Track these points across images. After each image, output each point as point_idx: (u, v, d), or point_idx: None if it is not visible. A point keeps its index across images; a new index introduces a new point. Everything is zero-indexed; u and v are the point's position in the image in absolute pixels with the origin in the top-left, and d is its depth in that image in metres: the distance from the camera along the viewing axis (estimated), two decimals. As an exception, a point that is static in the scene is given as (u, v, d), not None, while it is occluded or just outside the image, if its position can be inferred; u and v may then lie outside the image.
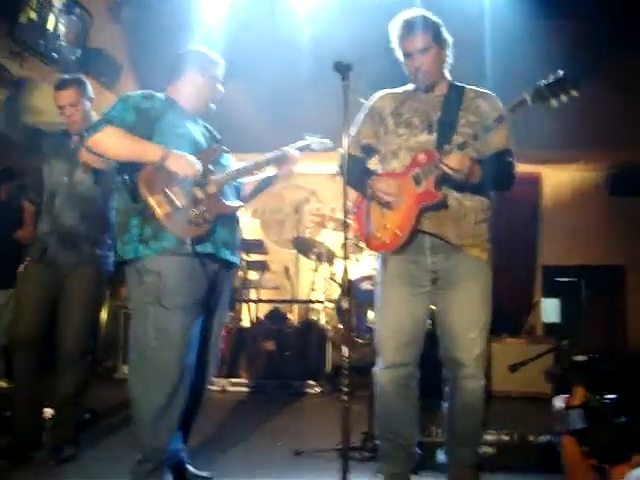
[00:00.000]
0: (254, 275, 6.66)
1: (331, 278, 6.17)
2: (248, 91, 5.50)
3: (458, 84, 2.73)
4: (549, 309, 7.75)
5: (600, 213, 7.18)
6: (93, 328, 3.40)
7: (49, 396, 3.20)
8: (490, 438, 3.08)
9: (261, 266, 6.69)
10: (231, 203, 2.72)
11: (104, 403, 4.09)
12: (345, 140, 2.40)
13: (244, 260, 6.32)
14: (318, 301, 6.22)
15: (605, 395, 2.30)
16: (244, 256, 6.33)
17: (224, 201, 2.66)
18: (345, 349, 2.36)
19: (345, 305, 2.34)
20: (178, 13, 5.31)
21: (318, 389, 5.01)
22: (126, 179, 2.56)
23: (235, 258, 2.78)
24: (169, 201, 2.50)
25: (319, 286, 6.28)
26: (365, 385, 3.15)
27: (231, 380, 5.16)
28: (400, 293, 2.65)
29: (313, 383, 5.03)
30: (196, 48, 2.88)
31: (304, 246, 6.48)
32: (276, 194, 7.58)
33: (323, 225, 6.34)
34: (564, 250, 7.24)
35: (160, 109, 2.65)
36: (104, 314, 5.51)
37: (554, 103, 2.43)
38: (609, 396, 2.30)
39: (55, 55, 4.73)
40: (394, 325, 2.65)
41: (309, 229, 6.95)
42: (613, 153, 6.71)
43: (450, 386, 2.68)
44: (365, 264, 5.78)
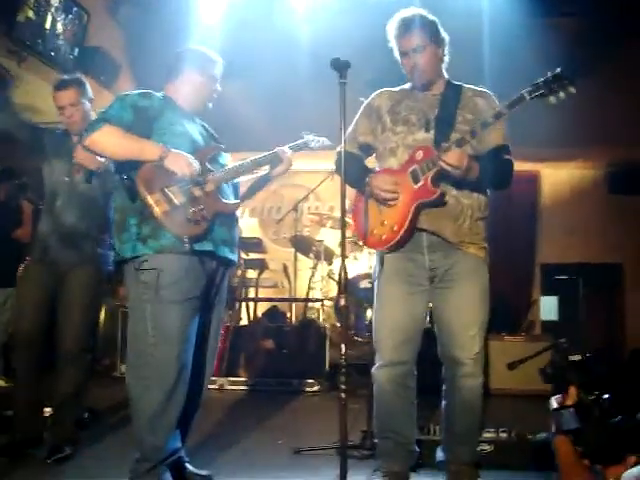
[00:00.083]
0: (253, 274, 6.65)
1: (329, 276, 6.18)
2: (247, 90, 5.51)
3: (455, 83, 2.73)
4: (548, 307, 7.77)
5: (599, 211, 7.19)
6: (93, 327, 3.40)
7: (49, 395, 3.20)
8: (488, 436, 3.08)
9: (260, 264, 6.68)
10: (229, 201, 2.72)
11: (102, 402, 4.09)
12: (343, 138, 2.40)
13: (242, 259, 6.31)
14: (317, 299, 6.23)
15: (599, 395, 2.28)
16: (243, 255, 6.33)
17: (222, 199, 2.66)
18: (343, 347, 2.36)
19: (342, 302, 2.33)
20: (176, 12, 5.32)
21: (317, 387, 5.00)
22: (124, 178, 2.56)
23: (234, 256, 2.77)
24: (167, 200, 2.49)
25: (317, 284, 6.29)
26: (364, 383, 3.14)
27: (230, 378, 5.14)
28: (397, 291, 2.65)
29: (312, 381, 5.02)
30: (194, 47, 2.87)
31: (303, 244, 6.49)
32: (275, 193, 7.59)
33: (322, 223, 6.35)
34: (563, 248, 7.25)
35: (158, 108, 2.64)
36: (102, 313, 5.50)
37: (552, 100, 2.43)
38: (603, 396, 2.28)
39: (53, 54, 4.73)
40: (391, 324, 2.65)
41: (308, 227, 6.95)
42: (612, 151, 6.72)
43: (448, 384, 2.68)
44: (364, 262, 5.79)
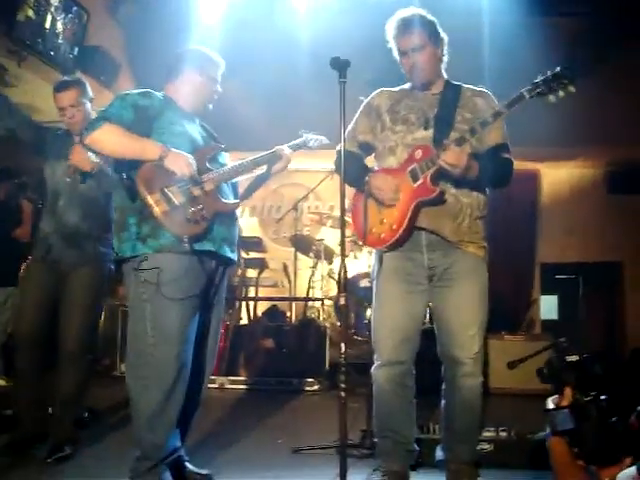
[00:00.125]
0: (253, 273, 6.66)
1: (329, 275, 6.18)
2: (247, 90, 5.51)
3: (454, 82, 2.73)
4: (547, 306, 7.78)
5: (598, 210, 7.19)
6: (95, 327, 3.40)
7: (50, 394, 3.20)
8: (488, 435, 3.08)
9: (260, 264, 6.69)
10: (229, 201, 2.72)
11: (102, 401, 4.09)
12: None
13: (242, 258, 6.31)
14: (317, 299, 6.23)
15: (595, 395, 2.27)
16: (243, 254, 6.33)
17: (222, 199, 2.66)
18: (343, 346, 2.36)
19: (342, 301, 2.33)
20: (176, 12, 5.31)
21: (316, 386, 5.00)
22: (124, 177, 2.56)
23: (234, 255, 2.77)
24: (167, 199, 2.49)
25: (317, 284, 6.29)
26: (364, 382, 3.14)
27: (230, 378, 5.15)
28: (396, 290, 2.65)
29: (312, 380, 5.02)
30: (195, 47, 2.86)
31: (303, 244, 6.49)
32: (275, 192, 7.59)
33: (321, 223, 6.36)
34: (562, 247, 7.25)
35: (158, 107, 2.64)
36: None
37: (552, 99, 2.44)
38: (600, 396, 2.27)
39: (53, 53, 4.73)
40: (390, 323, 2.65)
41: (308, 227, 6.95)
42: (611, 150, 6.72)
43: (448, 384, 2.68)
44: (364, 261, 5.79)
